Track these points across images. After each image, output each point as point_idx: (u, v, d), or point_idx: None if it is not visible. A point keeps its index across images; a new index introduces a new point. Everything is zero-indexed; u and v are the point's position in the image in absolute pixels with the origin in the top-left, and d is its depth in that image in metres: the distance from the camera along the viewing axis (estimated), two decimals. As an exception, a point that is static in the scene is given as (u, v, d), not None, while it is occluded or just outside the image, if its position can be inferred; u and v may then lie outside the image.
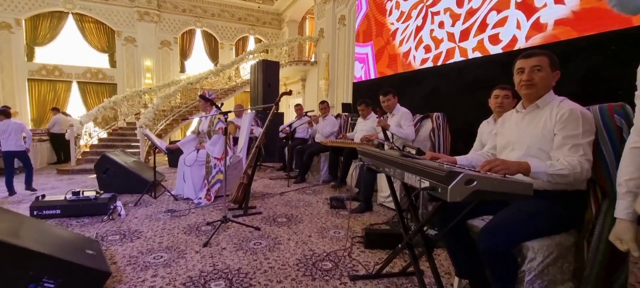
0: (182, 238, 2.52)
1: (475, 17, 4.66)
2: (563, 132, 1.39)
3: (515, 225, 1.38)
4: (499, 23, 4.34)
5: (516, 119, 1.62)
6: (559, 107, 1.44)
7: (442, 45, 5.29)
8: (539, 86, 1.48)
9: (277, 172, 5.88)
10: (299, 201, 3.71)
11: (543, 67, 1.46)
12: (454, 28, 5.06)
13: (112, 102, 8.87)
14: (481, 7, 4.56)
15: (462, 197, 1.07)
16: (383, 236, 2.40)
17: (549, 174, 1.31)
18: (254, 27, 14.16)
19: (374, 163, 1.71)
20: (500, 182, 1.10)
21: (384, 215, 3.21)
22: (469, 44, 4.82)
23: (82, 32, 11.33)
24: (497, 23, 4.36)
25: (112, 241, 2.43)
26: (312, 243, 2.46)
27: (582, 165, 1.31)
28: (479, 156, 1.77)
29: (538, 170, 1.31)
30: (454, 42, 5.06)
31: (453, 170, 1.06)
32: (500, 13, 4.31)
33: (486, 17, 4.51)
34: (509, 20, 4.18)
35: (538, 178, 1.32)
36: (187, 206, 3.42)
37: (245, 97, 12.89)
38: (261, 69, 7.14)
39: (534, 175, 1.31)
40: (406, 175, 1.33)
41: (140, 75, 11.97)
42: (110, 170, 3.86)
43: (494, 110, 2.58)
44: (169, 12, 12.48)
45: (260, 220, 3.00)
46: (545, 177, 1.32)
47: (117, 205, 3.06)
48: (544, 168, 1.32)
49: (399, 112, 3.48)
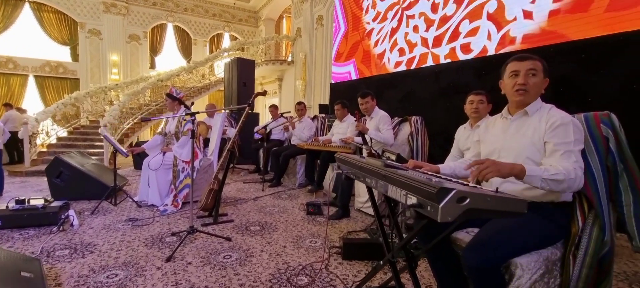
0: (143, 251, 2.28)
1: (449, 24, 4.70)
2: (554, 139, 1.33)
3: (504, 240, 1.30)
4: (471, 32, 4.39)
5: (502, 126, 1.55)
6: (549, 114, 1.39)
7: (416, 49, 5.31)
8: (531, 93, 1.41)
9: (251, 174, 5.65)
10: (274, 207, 3.53)
11: (537, 72, 1.40)
12: (427, 33, 5.08)
13: (73, 98, 8.24)
14: (454, 15, 4.60)
15: (454, 217, 0.96)
16: (362, 246, 2.29)
17: (543, 179, 1.23)
18: (229, 24, 13.74)
19: (354, 172, 1.58)
20: (494, 199, 1.00)
21: (362, 221, 3.11)
22: (441, 51, 4.86)
23: (41, 22, 10.49)
24: (469, 32, 4.41)
25: (60, 257, 2.15)
26: (286, 254, 2.30)
27: (576, 171, 1.25)
28: (462, 164, 1.69)
29: (533, 174, 1.24)
30: (427, 47, 5.09)
31: (444, 187, 0.95)
32: (472, 22, 4.36)
33: (459, 26, 4.55)
34: (480, 31, 4.24)
35: (531, 183, 1.25)
36: (151, 214, 3.15)
37: (220, 96, 12.48)
38: (236, 67, 6.89)
39: (528, 179, 1.24)
40: (390, 188, 1.21)
41: (106, 71, 11.25)
42: (64, 174, 3.50)
43: (470, 116, 2.54)
44: (138, 5, 11.83)
45: (232, 229, 2.80)
46: (539, 182, 1.24)
47: (70, 214, 2.75)
48: (539, 172, 1.24)
49: (378, 115, 3.39)
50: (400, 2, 5.62)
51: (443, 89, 4.77)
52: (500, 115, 1.59)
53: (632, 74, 2.93)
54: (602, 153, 1.40)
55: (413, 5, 5.36)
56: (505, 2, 3.89)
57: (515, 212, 1.04)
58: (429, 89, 5.05)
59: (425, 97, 5.10)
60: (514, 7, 3.78)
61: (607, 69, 3.12)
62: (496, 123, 1.60)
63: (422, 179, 1.07)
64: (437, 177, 1.22)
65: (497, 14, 4.00)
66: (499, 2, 3.96)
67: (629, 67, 2.95)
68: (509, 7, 3.85)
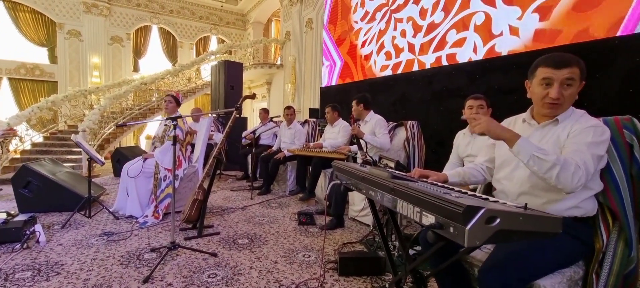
0: (117, 271, 2.05)
1: (436, 32, 4.63)
2: (571, 138, 1.21)
3: (526, 260, 1.15)
4: (457, 43, 4.32)
5: (523, 132, 1.34)
6: (578, 122, 1.23)
7: (402, 54, 5.23)
8: (565, 105, 1.24)
9: (239, 181, 5.42)
10: (264, 216, 3.33)
11: (575, 80, 1.21)
12: (415, 39, 5.00)
13: (50, 101, 7.83)
14: (442, 23, 4.53)
15: (483, 241, 0.80)
16: (359, 261, 2.12)
17: (533, 155, 1.09)
18: (216, 27, 13.47)
19: (354, 183, 1.42)
20: (526, 218, 0.85)
21: (357, 231, 2.95)
22: (427, 59, 4.79)
23: (16, 22, 10.00)
24: (455, 43, 4.35)
25: (20, 280, 1.90)
26: (278, 271, 2.11)
27: (577, 169, 1.09)
28: (473, 170, 1.54)
29: (525, 145, 1.11)
30: (414, 53, 5.01)
31: (472, 205, 0.79)
32: (459, 33, 4.29)
33: (446, 35, 4.49)
34: (466, 42, 4.18)
35: (520, 154, 1.12)
36: (129, 226, 2.91)
37: (207, 100, 12.16)
38: (223, 70, 6.66)
39: (517, 148, 1.12)
40: (400, 203, 1.05)
41: (86, 73, 10.81)
42: (33, 184, 3.20)
43: (469, 122, 2.42)
44: (121, 6, 11.45)
45: (218, 242, 2.59)
46: (527, 158, 1.10)
47: (36, 229, 2.48)
48: (533, 147, 1.10)
49: (373, 120, 3.25)
50: (389, 3, 5.52)
51: (436, 93, 4.68)
52: (521, 119, 1.42)
53: (627, 77, 2.88)
54: (626, 162, 1.28)
55: (402, 9, 5.28)
56: (493, 15, 3.83)
57: (549, 232, 0.89)
58: (421, 92, 4.96)
59: (418, 101, 5.01)
60: (501, 21, 3.73)
61: (602, 72, 3.07)
62: (515, 127, 1.42)
63: (440, 194, 0.92)
64: (446, 189, 1.08)
65: (484, 26, 3.95)
66: (486, 15, 3.90)
67: (624, 70, 2.91)
68: (496, 22, 3.80)
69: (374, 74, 5.86)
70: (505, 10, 3.67)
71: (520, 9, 3.53)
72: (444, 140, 4.27)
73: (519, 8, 3.53)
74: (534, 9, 3.40)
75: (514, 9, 3.58)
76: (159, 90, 10.01)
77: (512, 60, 3.59)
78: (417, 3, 4.93)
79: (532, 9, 3.41)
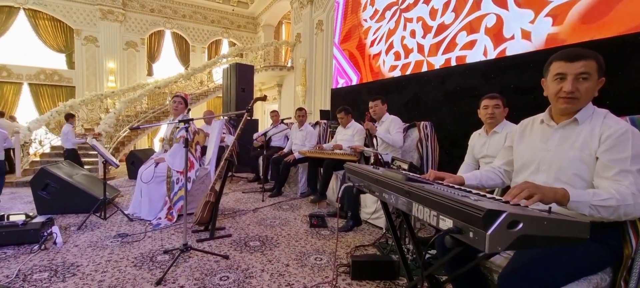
0: (131, 273, 2.06)
1: (446, 33, 4.53)
2: (607, 154, 1.11)
3: (550, 266, 1.10)
4: (467, 45, 4.22)
5: (542, 133, 1.30)
6: (604, 124, 1.15)
7: (412, 55, 5.13)
8: (582, 100, 1.17)
9: (250, 183, 5.44)
10: (275, 219, 3.32)
11: (591, 74, 1.14)
12: (424, 40, 4.91)
13: (68, 106, 8.06)
14: (452, 24, 4.42)
15: (505, 246, 0.76)
16: (372, 264, 2.08)
17: (592, 205, 1.03)
18: (227, 30, 13.62)
19: (366, 185, 1.39)
20: (551, 223, 0.80)
21: (370, 233, 2.90)
22: (436, 61, 4.69)
23: (36, 29, 10.34)
24: (465, 45, 4.24)
25: (37, 281, 1.94)
26: (289, 274, 2.09)
27: (635, 197, 1.02)
28: (490, 173, 1.48)
29: (579, 200, 1.03)
30: (423, 55, 4.92)
31: (493, 209, 0.75)
32: (469, 35, 4.19)
33: (456, 37, 4.38)
34: (477, 45, 4.07)
35: (578, 210, 1.04)
36: (143, 228, 2.94)
37: (218, 103, 12.31)
38: (235, 73, 6.72)
39: (573, 206, 1.03)
40: (415, 207, 1.02)
41: (103, 78, 11.08)
42: (51, 187, 3.28)
43: (485, 122, 2.35)
44: (136, 12, 11.71)
45: (230, 244, 2.59)
46: (587, 209, 1.03)
47: (53, 230, 2.53)
48: (586, 197, 1.03)
49: (388, 119, 3.21)
50: (399, 2, 5.44)
51: (449, 93, 4.59)
52: (539, 119, 1.34)
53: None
54: (656, 162, 1.21)
55: (411, 8, 5.19)
56: (505, 18, 3.71)
57: (576, 237, 0.84)
58: (434, 92, 4.87)
59: (431, 101, 4.92)
60: (513, 24, 3.62)
61: (627, 69, 2.95)
62: (534, 129, 1.35)
63: (458, 197, 0.88)
64: (463, 192, 1.03)
65: (495, 29, 3.84)
66: (498, 18, 3.79)
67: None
68: (507, 24, 3.68)
69: (383, 75, 5.79)
70: (518, 13, 3.55)
71: (533, 13, 3.42)
72: (458, 141, 4.18)
73: (532, 11, 3.42)
74: (547, 13, 3.28)
75: (526, 12, 3.47)
76: (172, 94, 10.17)
77: (528, 59, 3.49)
78: (427, 3, 4.84)
79: (546, 13, 3.30)
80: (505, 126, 2.23)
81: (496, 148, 2.17)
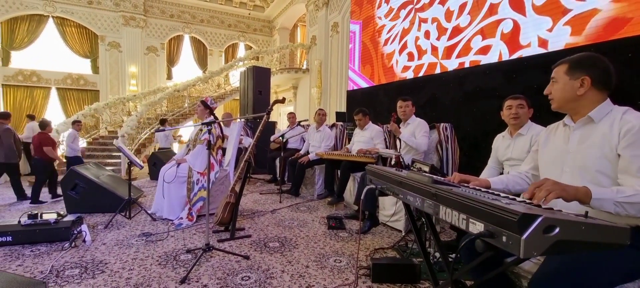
0: (156, 271, 2.12)
1: (461, 36, 4.43)
2: (629, 150, 1.09)
3: (582, 273, 1.06)
4: (482, 50, 4.11)
5: (564, 135, 1.32)
6: (623, 119, 1.14)
7: (425, 57, 5.03)
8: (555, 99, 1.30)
9: (268, 184, 5.50)
10: (293, 220, 3.35)
11: (558, 77, 1.28)
12: (438, 42, 4.81)
13: (93, 109, 8.39)
14: (468, 27, 4.30)
15: (541, 251, 0.74)
16: (392, 267, 2.06)
17: (616, 202, 1.01)
18: (244, 34, 13.84)
19: (389, 187, 1.38)
20: (589, 227, 0.78)
21: (388, 236, 2.88)
22: (450, 64, 4.59)
23: (63, 36, 10.81)
24: (480, 49, 4.13)
25: (69, 277, 2.02)
26: (309, 276, 2.10)
27: None
28: (517, 178, 1.46)
29: (602, 197, 1.01)
30: (437, 57, 4.82)
31: (528, 213, 0.73)
32: (485, 39, 4.07)
33: (471, 40, 4.27)
34: (492, 50, 3.97)
35: (602, 207, 1.02)
36: (166, 228, 3.02)
37: (235, 105, 12.51)
38: (252, 76, 6.81)
39: (595, 204, 1.01)
40: (443, 210, 1.00)
41: (125, 82, 11.47)
42: (79, 187, 3.42)
43: (509, 123, 2.29)
44: (156, 18, 12.07)
45: (250, 245, 2.63)
46: (612, 207, 1.02)
47: (82, 229, 2.64)
48: (610, 194, 1.02)
49: (414, 122, 3.17)
50: (414, 1, 5.37)
51: (468, 94, 4.50)
52: (562, 123, 1.35)
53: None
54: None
55: (427, 8, 5.11)
56: (522, 24, 3.58)
57: (614, 243, 0.81)
58: (452, 93, 4.79)
59: (449, 103, 4.84)
60: (530, 31, 3.49)
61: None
62: (557, 132, 1.37)
63: (489, 200, 0.86)
64: (492, 195, 1.01)
65: (511, 35, 3.72)
66: (515, 23, 3.68)
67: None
68: (524, 31, 3.55)
69: (395, 75, 5.72)
70: (536, 20, 3.44)
71: (551, 20, 3.31)
72: (478, 143, 4.09)
73: (550, 19, 3.31)
74: (567, 21, 3.17)
75: (545, 19, 3.36)
76: (191, 97, 10.41)
77: (551, 58, 3.38)
78: (443, 3, 4.76)
79: (565, 21, 3.19)
80: (531, 128, 2.16)
81: (521, 150, 2.11)
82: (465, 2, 4.35)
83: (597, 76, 1.20)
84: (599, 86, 1.21)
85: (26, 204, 4.30)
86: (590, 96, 1.22)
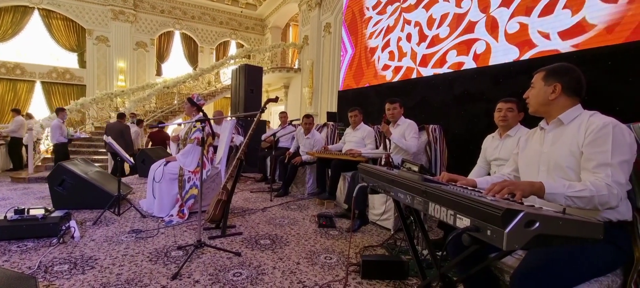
0: (147, 267, 2.12)
1: (438, 47, 4.49)
2: (589, 148, 1.19)
3: (560, 266, 1.13)
4: (455, 65, 4.20)
5: (539, 137, 1.43)
6: (589, 121, 1.25)
7: (404, 60, 5.05)
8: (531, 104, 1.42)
9: (258, 183, 5.50)
10: (284, 218, 3.37)
11: (535, 84, 1.41)
12: (418, 48, 4.83)
13: (79, 104, 8.23)
14: (446, 40, 4.36)
15: (522, 244, 0.80)
16: (382, 264, 2.12)
17: (567, 196, 1.10)
18: (236, 32, 13.76)
19: (381, 185, 1.43)
20: (565, 223, 0.84)
21: (377, 235, 2.94)
22: (425, 71, 4.68)
23: (49, 29, 10.55)
24: (453, 65, 4.23)
25: (58, 273, 2.00)
26: (301, 272, 2.13)
27: (609, 188, 1.09)
28: (500, 179, 1.53)
29: (554, 191, 1.11)
30: (415, 62, 4.88)
31: (511, 208, 0.79)
32: (458, 56, 4.18)
33: (447, 53, 4.35)
34: (464, 67, 4.08)
35: (555, 201, 1.11)
36: (156, 224, 3.01)
37: (226, 103, 12.43)
38: (243, 74, 6.79)
39: (549, 198, 1.11)
40: (432, 206, 1.06)
41: (113, 77, 11.26)
42: (67, 182, 3.36)
43: (498, 125, 2.38)
44: (146, 13, 11.89)
45: (241, 242, 2.64)
46: (563, 200, 1.11)
47: (71, 225, 2.61)
48: (561, 189, 1.11)
49: (404, 123, 3.23)
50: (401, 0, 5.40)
51: (457, 97, 4.61)
52: (539, 126, 1.46)
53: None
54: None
55: (412, 10, 5.12)
56: (493, 48, 3.69)
57: (589, 237, 0.88)
58: (442, 96, 4.89)
59: (439, 105, 4.94)
60: (500, 57, 3.59)
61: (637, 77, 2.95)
62: (535, 135, 1.47)
63: (475, 197, 0.92)
64: (478, 193, 1.07)
65: (483, 56, 3.83)
66: (487, 46, 3.79)
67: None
68: (494, 55, 3.65)
69: (377, 70, 5.72)
70: (505, 48, 3.55)
71: (518, 51, 3.43)
72: (466, 144, 4.19)
73: (518, 49, 3.43)
74: (531, 56, 3.28)
75: (513, 48, 3.48)
76: (180, 94, 10.30)
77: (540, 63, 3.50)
78: (427, 9, 4.78)
79: (529, 55, 3.30)
80: (519, 130, 2.25)
81: (509, 151, 2.20)
82: (447, 12, 4.41)
83: (567, 83, 1.31)
84: (568, 93, 1.32)
85: (10, 200, 4.20)
86: (561, 101, 1.33)
